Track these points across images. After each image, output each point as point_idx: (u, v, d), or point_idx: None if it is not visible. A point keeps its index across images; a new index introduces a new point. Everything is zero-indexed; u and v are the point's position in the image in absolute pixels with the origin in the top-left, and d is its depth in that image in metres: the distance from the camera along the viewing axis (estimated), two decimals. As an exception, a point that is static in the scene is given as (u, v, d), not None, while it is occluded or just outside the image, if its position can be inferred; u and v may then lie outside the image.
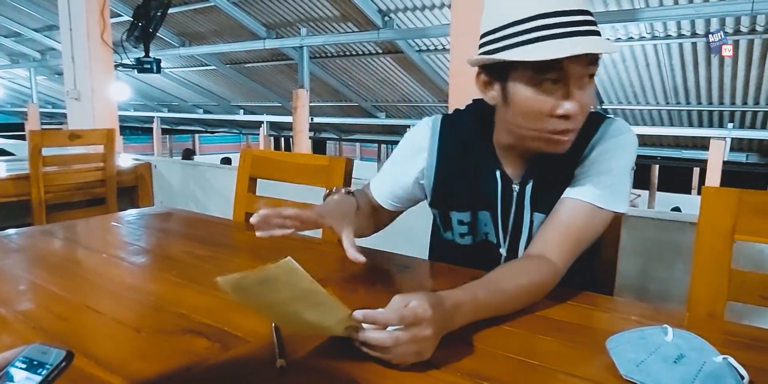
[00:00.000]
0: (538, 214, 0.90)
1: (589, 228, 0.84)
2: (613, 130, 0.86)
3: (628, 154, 0.86)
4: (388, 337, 0.59)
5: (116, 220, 1.42)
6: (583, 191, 0.84)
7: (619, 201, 0.85)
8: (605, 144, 0.85)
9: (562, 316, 0.76)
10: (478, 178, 0.92)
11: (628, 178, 0.86)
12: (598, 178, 0.84)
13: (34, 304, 0.79)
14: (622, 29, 4.72)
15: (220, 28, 6.82)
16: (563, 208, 0.85)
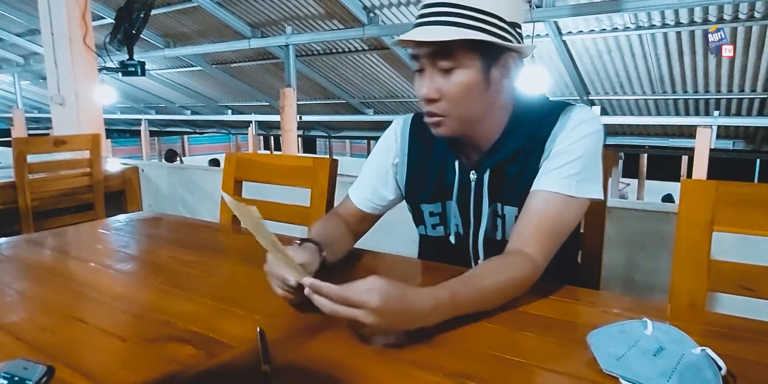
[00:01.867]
0: (500, 205, 0.90)
1: (563, 219, 0.84)
2: (573, 118, 0.86)
3: (593, 140, 0.85)
4: (327, 305, 0.64)
5: (104, 227, 1.41)
6: (553, 183, 0.84)
7: (592, 187, 0.85)
8: (568, 133, 0.85)
9: (544, 311, 0.77)
10: (444, 169, 0.94)
11: (597, 164, 0.86)
12: (566, 168, 0.84)
13: (18, 317, 0.79)
14: (606, 20, 4.74)
15: (205, 29, 6.77)
16: (535, 202, 0.84)
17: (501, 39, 0.80)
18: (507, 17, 0.81)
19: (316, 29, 6.12)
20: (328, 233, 0.94)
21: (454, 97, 0.82)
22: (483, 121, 0.87)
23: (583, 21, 4.84)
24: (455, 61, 0.80)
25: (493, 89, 0.84)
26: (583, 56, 5.39)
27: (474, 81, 0.81)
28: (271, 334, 0.69)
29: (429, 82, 0.82)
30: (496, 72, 0.83)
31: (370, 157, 1.05)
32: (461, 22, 0.78)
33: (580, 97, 6.05)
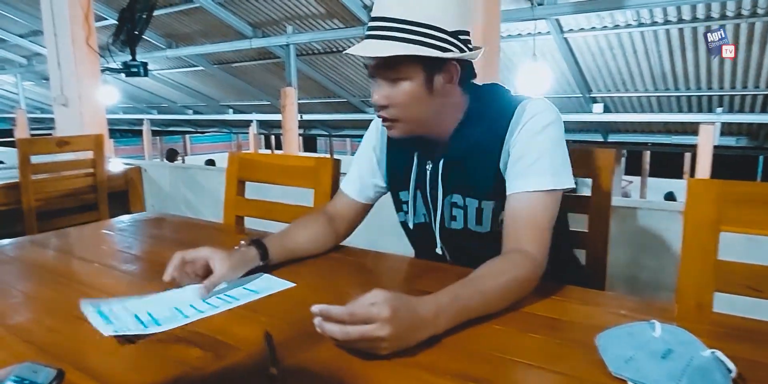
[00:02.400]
0: (461, 196, 0.95)
1: (548, 212, 0.87)
2: (528, 112, 0.89)
3: (553, 131, 0.88)
4: (337, 331, 0.63)
5: (108, 228, 1.41)
6: (528, 183, 0.87)
7: (564, 179, 0.88)
8: (526, 129, 0.88)
9: (550, 312, 0.77)
10: (411, 160, 1.01)
11: (563, 153, 0.90)
12: (536, 166, 0.87)
13: (25, 318, 0.79)
14: (608, 17, 4.73)
15: (207, 29, 6.76)
16: (518, 204, 0.87)
17: (441, 50, 0.84)
18: (449, 27, 0.85)
19: (316, 28, 6.11)
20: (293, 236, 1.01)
21: (401, 104, 0.88)
22: (433, 122, 0.92)
23: (584, 18, 4.82)
24: (399, 73, 0.86)
25: (437, 94, 0.89)
26: (585, 54, 5.37)
27: (418, 89, 0.87)
28: (278, 336, 0.69)
29: (378, 89, 0.89)
30: (440, 79, 0.88)
31: (357, 152, 1.12)
32: (402, 37, 0.83)
33: (582, 95, 6.03)
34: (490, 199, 0.93)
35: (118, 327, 0.69)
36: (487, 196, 0.93)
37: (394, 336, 0.62)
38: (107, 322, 0.70)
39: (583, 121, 6.57)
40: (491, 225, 0.94)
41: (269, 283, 0.89)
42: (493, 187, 0.91)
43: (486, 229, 0.94)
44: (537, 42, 4.76)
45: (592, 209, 1.17)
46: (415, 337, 0.65)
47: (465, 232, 0.96)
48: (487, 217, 0.94)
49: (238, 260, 0.89)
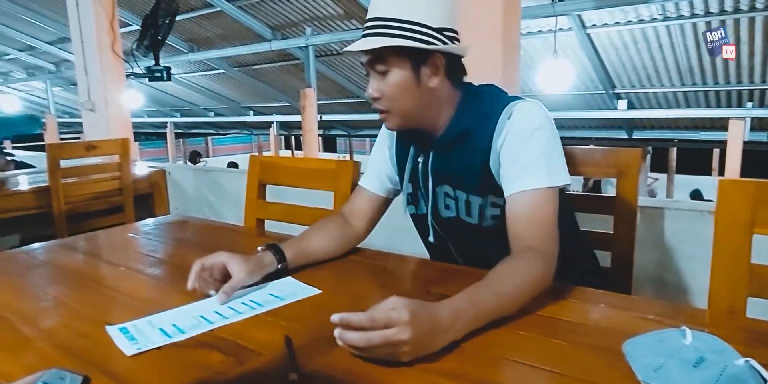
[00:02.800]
0: (451, 187, 0.99)
1: (549, 209, 0.89)
2: (517, 114, 0.92)
3: (544, 133, 0.91)
4: (359, 338, 0.63)
5: (133, 231, 1.44)
6: (526, 183, 0.89)
7: (559, 176, 0.91)
8: (515, 133, 0.91)
9: (575, 317, 0.75)
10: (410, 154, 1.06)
11: (558, 152, 0.93)
12: (532, 167, 0.89)
13: (55, 322, 0.81)
14: (632, 12, 4.63)
15: (227, 32, 6.85)
16: (518, 204, 0.90)
17: (424, 43, 0.90)
18: (433, 24, 0.91)
19: (335, 29, 6.13)
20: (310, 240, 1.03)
21: (391, 95, 0.94)
22: (424, 114, 0.97)
23: (607, 13, 4.73)
24: (387, 65, 0.92)
25: (424, 86, 0.94)
26: (608, 49, 5.27)
27: (405, 80, 0.93)
28: (298, 340, 0.69)
29: (371, 83, 0.96)
30: (426, 71, 0.93)
31: (373, 150, 1.17)
32: (390, 33, 0.91)
33: (606, 91, 5.92)
34: (476, 194, 0.96)
35: (142, 344, 0.70)
36: (473, 190, 0.96)
37: (414, 339, 0.62)
38: (131, 340, 0.71)
39: (606, 118, 6.45)
40: (479, 218, 0.97)
41: (294, 289, 0.89)
42: (479, 182, 0.95)
43: (475, 221, 0.98)
44: (558, 38, 4.68)
45: (618, 210, 1.15)
46: (435, 342, 0.65)
47: (457, 221, 1.00)
48: (475, 210, 0.97)
49: (255, 265, 0.90)
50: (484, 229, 0.98)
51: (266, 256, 0.94)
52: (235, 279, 0.86)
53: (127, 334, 0.73)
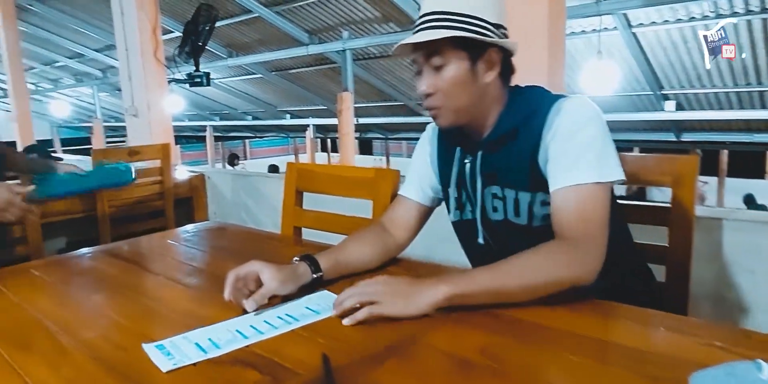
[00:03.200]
0: (499, 187, 0.96)
1: (598, 205, 0.85)
2: (566, 108, 0.89)
3: (594, 126, 0.88)
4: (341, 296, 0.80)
5: (173, 238, 1.45)
6: (573, 176, 0.86)
7: (612, 170, 0.87)
8: (564, 127, 0.88)
9: (632, 341, 0.70)
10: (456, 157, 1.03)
11: (609, 146, 0.88)
12: (580, 159, 0.86)
13: (94, 333, 0.81)
14: (682, 9, 4.43)
15: (265, 38, 6.96)
16: (564, 199, 0.86)
17: (482, 36, 0.89)
18: (490, 19, 0.90)
19: (372, 33, 6.13)
20: (347, 250, 1.01)
21: (447, 90, 0.92)
22: (476, 111, 0.95)
23: (655, 11, 4.54)
24: (444, 59, 0.90)
25: (480, 81, 0.92)
26: (656, 49, 5.06)
27: (462, 74, 0.91)
28: (336, 359, 0.67)
29: (425, 79, 0.93)
30: (482, 65, 0.91)
31: (413, 157, 1.14)
32: (447, 25, 0.89)
33: (653, 92, 5.69)
34: (526, 191, 0.93)
35: (178, 360, 0.69)
36: (523, 187, 0.93)
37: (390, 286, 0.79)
38: (167, 356, 0.70)
39: (653, 120, 6.20)
40: (528, 218, 0.94)
41: (329, 303, 0.86)
42: (530, 178, 0.92)
43: (524, 222, 0.94)
44: (602, 38, 4.53)
45: (673, 221, 1.08)
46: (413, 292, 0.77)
47: (505, 223, 0.96)
48: (524, 209, 0.94)
49: (288, 275, 0.88)
50: (534, 230, 0.93)
51: (300, 267, 0.92)
52: (266, 287, 0.84)
53: (163, 350, 0.71)
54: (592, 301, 0.81)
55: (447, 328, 0.76)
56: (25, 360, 0.72)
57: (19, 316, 0.88)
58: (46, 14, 7.28)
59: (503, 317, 0.78)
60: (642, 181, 1.13)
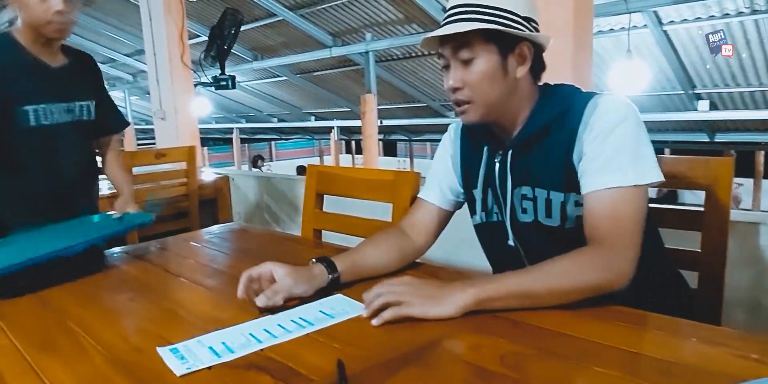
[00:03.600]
0: (530, 188, 0.92)
1: (633, 209, 0.81)
2: (602, 106, 0.86)
3: (630, 125, 0.84)
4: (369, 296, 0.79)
5: (196, 240, 1.46)
6: (607, 178, 0.82)
7: (649, 172, 0.83)
8: (600, 126, 0.84)
9: (662, 353, 0.66)
10: (481, 157, 1.00)
11: (646, 146, 0.85)
12: (615, 160, 0.82)
13: (113, 334, 0.81)
14: (715, 6, 4.29)
15: (289, 40, 7.03)
16: (597, 203, 0.83)
17: (513, 29, 0.86)
18: (521, 12, 0.87)
19: (395, 34, 6.13)
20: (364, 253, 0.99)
21: (476, 84, 0.88)
22: (506, 107, 0.92)
23: (687, 8, 4.41)
24: (474, 52, 0.87)
25: (511, 76, 0.89)
26: (688, 47, 4.91)
27: (492, 68, 0.87)
28: (351, 365, 0.65)
29: (453, 73, 0.90)
30: (513, 60, 0.88)
31: (434, 160, 1.11)
32: (477, 18, 0.86)
33: (685, 91, 5.53)
34: (558, 191, 0.89)
35: (192, 363, 0.68)
36: (555, 186, 0.89)
37: (416, 287, 0.78)
38: (180, 359, 0.70)
39: (685, 120, 6.02)
40: (560, 219, 0.90)
41: (344, 306, 0.85)
42: (563, 177, 0.88)
43: (556, 223, 0.90)
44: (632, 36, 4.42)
45: (706, 225, 1.04)
46: (439, 294, 0.77)
47: (535, 225, 0.92)
48: (557, 209, 0.89)
49: (302, 276, 0.87)
50: (565, 231, 0.89)
51: (316, 268, 0.91)
52: (279, 284, 0.84)
53: (177, 353, 0.71)
54: (618, 309, 0.78)
55: (466, 335, 0.73)
56: (44, 359, 0.73)
57: (42, 315, 0.90)
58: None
59: (524, 325, 0.75)
60: (675, 184, 1.09)
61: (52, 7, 1.23)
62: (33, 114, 1.32)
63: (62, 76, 1.38)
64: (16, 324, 0.86)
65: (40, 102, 1.33)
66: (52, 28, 1.26)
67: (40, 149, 1.36)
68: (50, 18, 1.24)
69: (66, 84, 1.39)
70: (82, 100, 1.42)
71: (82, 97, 1.43)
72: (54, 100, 1.36)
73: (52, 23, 1.25)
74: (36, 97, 1.33)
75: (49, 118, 1.35)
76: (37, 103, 1.33)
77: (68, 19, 1.27)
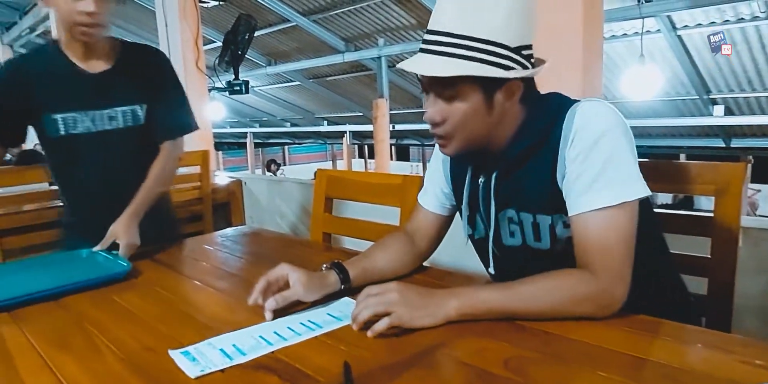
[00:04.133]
0: (515, 210, 0.88)
1: (621, 231, 0.78)
2: (579, 118, 0.80)
3: (612, 138, 0.78)
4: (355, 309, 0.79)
5: (208, 243, 1.48)
6: (593, 199, 0.78)
7: (635, 187, 0.78)
8: (579, 141, 0.79)
9: (667, 358, 0.66)
10: (466, 175, 0.97)
11: (630, 158, 0.79)
12: (600, 179, 0.78)
13: (126, 333, 0.83)
14: (730, 10, 4.25)
15: (303, 46, 7.10)
16: (584, 227, 0.79)
17: (503, 67, 0.79)
18: (512, 43, 0.79)
19: (408, 40, 6.16)
20: (374, 258, 1.00)
21: (457, 122, 0.83)
22: (489, 137, 0.87)
23: (701, 13, 4.37)
24: (456, 90, 0.81)
25: (496, 111, 0.83)
26: (702, 51, 4.87)
27: (476, 107, 0.82)
28: (357, 367, 0.66)
29: (433, 105, 0.84)
30: (500, 96, 0.82)
31: (429, 164, 1.10)
32: (461, 54, 0.78)
33: (699, 96, 5.47)
34: (545, 214, 0.85)
35: (204, 366, 0.70)
36: (541, 209, 0.85)
37: (404, 297, 0.77)
38: (192, 361, 0.71)
39: (700, 125, 5.95)
40: (551, 242, 0.86)
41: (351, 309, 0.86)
42: (548, 200, 0.84)
43: (546, 246, 0.87)
44: (645, 41, 4.39)
45: (716, 231, 1.03)
46: (426, 305, 0.77)
47: (524, 249, 0.89)
48: (545, 232, 0.86)
49: (316, 283, 0.88)
50: (557, 254, 0.86)
51: (330, 276, 0.92)
52: (291, 290, 0.85)
53: (189, 356, 0.73)
54: (624, 314, 0.78)
55: (471, 338, 0.74)
56: (60, 357, 0.75)
57: (58, 315, 0.92)
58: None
59: (529, 329, 0.76)
60: (685, 190, 1.08)
61: (81, 8, 1.13)
62: (62, 123, 1.27)
63: (102, 82, 1.28)
64: (32, 324, 0.89)
65: (70, 110, 1.26)
66: (80, 30, 1.18)
67: (72, 158, 1.30)
68: (79, 19, 1.15)
69: (106, 90, 1.29)
70: (125, 105, 1.31)
71: (127, 102, 1.32)
72: (89, 107, 1.27)
73: (80, 25, 1.16)
74: (66, 105, 1.26)
75: (80, 127, 1.28)
76: (66, 111, 1.26)
77: (98, 21, 1.17)
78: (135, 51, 1.35)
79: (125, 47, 1.32)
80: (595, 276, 0.77)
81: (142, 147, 1.38)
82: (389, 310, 0.76)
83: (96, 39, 1.22)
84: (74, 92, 1.26)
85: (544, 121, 0.84)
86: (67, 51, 1.25)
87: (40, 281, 1.02)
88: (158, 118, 1.37)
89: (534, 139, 0.85)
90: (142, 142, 1.37)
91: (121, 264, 1.13)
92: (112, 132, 1.31)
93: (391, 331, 0.76)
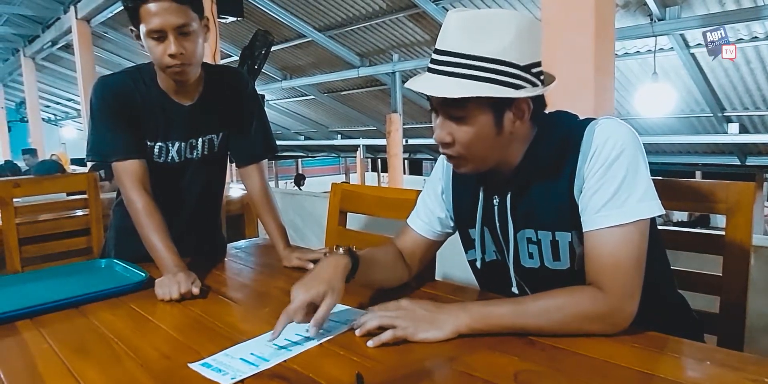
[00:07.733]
0: (534, 230, 0.88)
1: (633, 249, 0.79)
2: (598, 136, 0.81)
3: (629, 157, 0.80)
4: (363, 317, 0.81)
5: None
6: (608, 217, 0.79)
7: (651, 205, 0.80)
8: (598, 158, 0.81)
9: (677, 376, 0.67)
10: (476, 195, 0.95)
11: (644, 177, 0.80)
12: (615, 197, 0.79)
13: (146, 342, 0.86)
14: (744, 29, 4.26)
15: (318, 61, 7.22)
16: (597, 243, 0.80)
17: (513, 87, 0.79)
18: (521, 61, 0.79)
19: (422, 55, 6.23)
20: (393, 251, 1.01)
21: (467, 143, 0.83)
22: (501, 156, 0.87)
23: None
24: (465, 111, 0.81)
25: (506, 131, 0.84)
26: (716, 69, 4.86)
27: (486, 128, 0.82)
28: (369, 377, 0.68)
29: (442, 125, 0.84)
30: (510, 115, 0.82)
31: (425, 186, 1.08)
32: (471, 74, 0.78)
33: (714, 114, 5.44)
34: (565, 231, 0.85)
35: (234, 374, 0.72)
36: (560, 226, 0.85)
37: (413, 311, 0.80)
38: (218, 372, 0.73)
39: (715, 143, 5.91)
40: (569, 261, 0.86)
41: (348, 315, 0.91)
42: (568, 216, 0.84)
43: (565, 266, 0.87)
44: (658, 59, 4.40)
45: (728, 250, 1.03)
46: (435, 318, 0.79)
47: (543, 271, 0.89)
48: (564, 250, 0.86)
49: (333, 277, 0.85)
50: (577, 273, 0.85)
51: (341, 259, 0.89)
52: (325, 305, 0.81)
53: (211, 367, 0.75)
54: (633, 331, 0.79)
55: (481, 352, 0.75)
56: (81, 363, 0.78)
57: (79, 323, 0.95)
58: (120, 41, 7.87)
59: (539, 344, 0.77)
60: (695, 208, 1.09)
61: (166, 50, 1.12)
62: (157, 150, 1.29)
63: (190, 115, 1.29)
64: (54, 330, 0.92)
65: (164, 140, 1.28)
66: (170, 71, 1.17)
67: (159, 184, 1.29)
68: (166, 61, 1.14)
69: (193, 122, 1.30)
70: (205, 135, 1.32)
71: (208, 131, 1.33)
72: (177, 139, 1.29)
73: (170, 67, 1.15)
74: (161, 135, 1.28)
75: (163, 156, 1.30)
76: (160, 141, 1.28)
77: (186, 61, 1.15)
78: (217, 77, 1.33)
79: (208, 74, 1.30)
80: (607, 294, 0.77)
81: (213, 172, 1.43)
82: (395, 324, 0.79)
83: (187, 78, 1.21)
84: (167, 124, 1.27)
85: (558, 137, 0.85)
86: (160, 82, 1.25)
87: (61, 290, 1.06)
88: (234, 144, 1.40)
89: (549, 155, 0.85)
90: (214, 168, 1.42)
91: (139, 274, 1.16)
92: (193, 161, 1.34)
93: (408, 342, 0.78)
